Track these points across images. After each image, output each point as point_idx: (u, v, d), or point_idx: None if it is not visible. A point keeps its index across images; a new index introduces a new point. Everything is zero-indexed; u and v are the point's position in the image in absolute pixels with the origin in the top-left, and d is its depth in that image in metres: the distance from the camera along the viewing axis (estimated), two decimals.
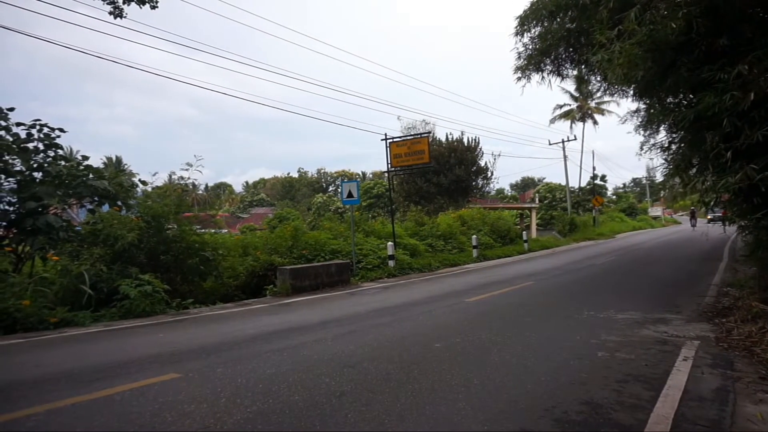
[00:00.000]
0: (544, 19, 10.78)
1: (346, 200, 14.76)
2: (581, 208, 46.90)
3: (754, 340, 5.73)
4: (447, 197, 31.73)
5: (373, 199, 48.27)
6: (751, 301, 7.07)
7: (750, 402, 4.01)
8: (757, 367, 4.92)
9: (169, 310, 9.35)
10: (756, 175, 6.02)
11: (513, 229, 25.89)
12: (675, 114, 7.54)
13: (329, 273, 12.48)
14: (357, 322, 7.58)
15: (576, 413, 3.75)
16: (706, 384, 4.46)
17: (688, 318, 7.39)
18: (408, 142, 17.09)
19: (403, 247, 16.69)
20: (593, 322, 7.17)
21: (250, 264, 12.64)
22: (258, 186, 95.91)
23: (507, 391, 4.30)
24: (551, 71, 12.20)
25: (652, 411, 3.77)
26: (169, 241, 10.82)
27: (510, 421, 3.63)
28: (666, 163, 8.44)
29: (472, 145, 33.19)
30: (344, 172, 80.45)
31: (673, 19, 6.65)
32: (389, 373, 4.86)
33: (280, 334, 6.89)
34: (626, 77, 8.07)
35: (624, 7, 7.75)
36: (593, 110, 47.72)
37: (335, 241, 15.13)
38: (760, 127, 6.03)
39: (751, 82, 5.94)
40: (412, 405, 3.96)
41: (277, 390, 4.40)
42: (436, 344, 6.00)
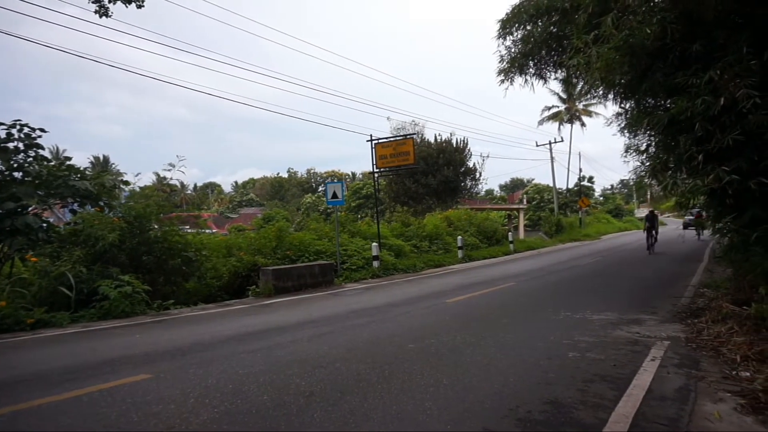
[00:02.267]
0: (525, 23, 10.88)
1: (330, 201, 14.79)
2: (568, 209, 47.25)
3: (722, 340, 5.83)
4: (435, 198, 31.84)
5: (362, 199, 48.30)
6: (722, 303, 7.19)
7: (710, 401, 4.09)
8: (722, 367, 5.01)
9: (150, 311, 9.33)
10: (726, 177, 6.14)
11: (500, 230, 26.03)
12: (651, 117, 7.65)
13: (313, 274, 12.49)
14: (335, 323, 7.61)
15: (539, 413, 3.80)
16: (670, 383, 4.54)
17: (662, 319, 7.49)
18: (393, 144, 17.13)
19: (389, 247, 16.73)
20: (569, 323, 7.25)
21: (234, 265, 12.64)
22: (247, 186, 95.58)
23: (475, 391, 4.35)
24: (534, 74, 12.31)
25: (614, 410, 3.83)
26: (151, 242, 10.78)
27: (474, 420, 3.68)
28: (642, 165, 8.55)
29: (460, 146, 33.34)
30: (334, 172, 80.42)
31: (648, 25, 6.77)
32: (360, 373, 4.90)
33: (257, 335, 6.90)
34: (604, 81, 8.20)
35: (602, 12, 7.85)
36: (581, 112, 48.05)
37: (320, 241, 15.15)
38: (730, 131, 6.14)
39: (722, 87, 6.05)
40: (380, 405, 4.00)
41: (247, 390, 4.43)
42: (411, 345, 6.04)
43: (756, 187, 5.88)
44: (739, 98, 5.78)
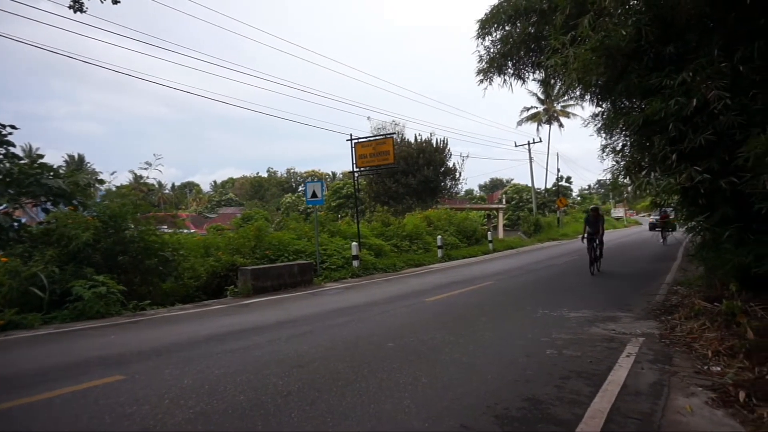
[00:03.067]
0: (504, 23, 10.95)
1: (310, 200, 14.71)
2: (547, 209, 47.80)
3: (695, 336, 5.95)
4: (415, 198, 31.91)
5: (342, 199, 48.12)
6: (695, 300, 7.34)
7: (682, 395, 4.18)
8: (694, 362, 5.12)
9: (125, 312, 9.16)
10: (698, 176, 6.27)
11: (479, 230, 26.21)
12: (626, 118, 7.78)
13: (292, 273, 12.41)
14: (313, 323, 7.56)
15: (516, 409, 3.83)
16: (644, 379, 4.62)
17: (637, 316, 7.62)
18: (373, 143, 17.12)
19: (368, 247, 16.71)
20: (546, 321, 7.32)
21: (212, 264, 12.48)
22: (227, 186, 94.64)
23: (453, 389, 4.36)
24: (512, 74, 12.38)
25: (590, 406, 3.88)
26: (127, 242, 10.57)
27: (452, 418, 3.69)
28: (617, 164, 8.68)
29: (440, 146, 33.47)
30: (314, 172, 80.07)
31: (624, 27, 6.87)
32: (338, 372, 4.88)
33: (235, 335, 6.82)
34: (581, 81, 8.29)
35: (579, 13, 7.95)
36: (559, 113, 48.67)
37: (299, 241, 15.06)
38: (702, 131, 6.27)
39: (694, 89, 6.17)
40: (358, 403, 3.99)
41: (223, 390, 4.37)
42: (390, 344, 6.04)
43: (727, 186, 6.00)
44: (710, 99, 5.91)
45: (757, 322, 5.30)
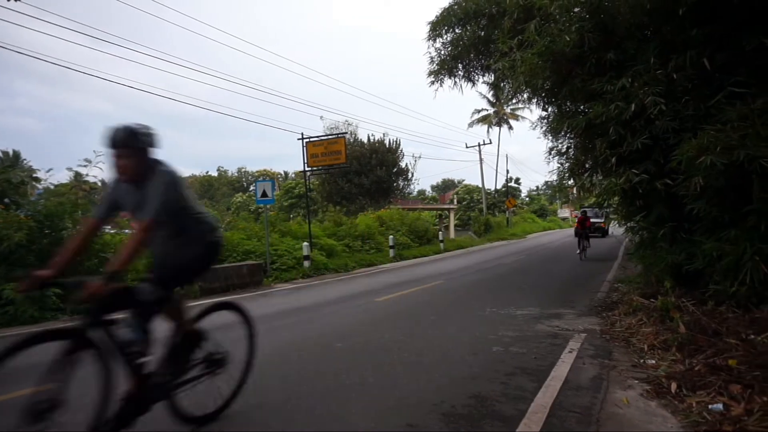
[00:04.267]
0: (454, 26, 11.10)
1: (260, 200, 14.46)
2: (497, 209, 48.86)
3: (633, 331, 6.20)
4: (368, 198, 31.95)
5: (294, 199, 47.64)
6: (633, 296, 7.66)
7: (620, 388, 4.34)
8: (632, 356, 5.33)
9: (63, 316, 8.69)
10: (635, 178, 6.55)
11: (431, 230, 26.49)
12: (571, 121, 8.01)
13: (241, 274, 12.14)
14: (260, 325, 7.24)
15: (462, 407, 3.87)
16: (585, 373, 4.77)
17: (580, 312, 7.88)
18: (325, 143, 17.00)
19: (320, 247, 16.57)
20: (494, 319, 7.46)
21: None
22: None
23: (401, 388, 4.36)
24: (463, 77, 12.57)
25: (533, 401, 3.97)
26: (64, 242, 10.06)
27: (398, 417, 3.68)
28: (562, 166, 8.95)
29: (393, 147, 33.67)
30: (266, 171, 78.69)
31: (568, 33, 7.08)
32: (284, 375, 4.80)
33: None
34: (528, 85, 8.51)
35: (527, 18, 8.15)
36: (509, 116, 49.85)
37: (249, 241, 14.75)
38: (640, 135, 6.54)
39: (633, 94, 6.42)
40: (304, 406, 3.93)
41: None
42: (338, 344, 5.99)
43: (662, 187, 6.28)
44: (647, 105, 6.16)
45: (688, 317, 5.58)
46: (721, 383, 3.95)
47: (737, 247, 5.19)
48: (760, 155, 4.56)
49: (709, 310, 5.65)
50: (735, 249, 5.21)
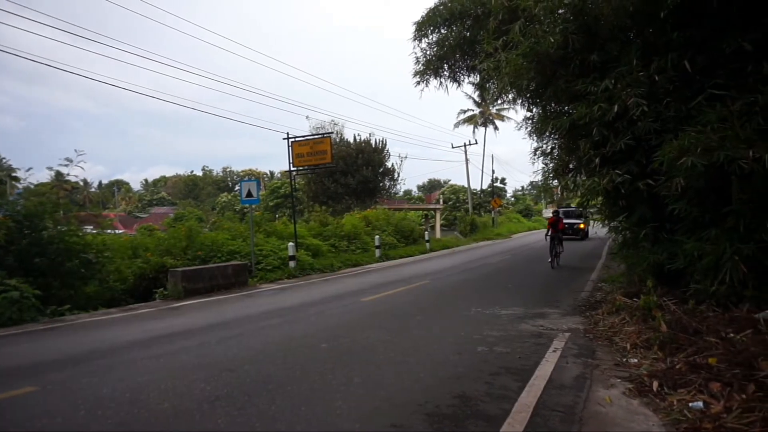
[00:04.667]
0: (440, 26, 11.14)
1: (245, 200, 14.33)
2: (482, 209, 49.07)
3: (616, 330, 6.28)
4: (354, 198, 31.88)
5: (280, 198, 47.42)
6: (616, 296, 7.74)
7: (603, 387, 4.38)
8: (615, 355, 5.40)
9: (42, 318, 8.54)
10: (618, 178, 6.63)
11: (417, 230, 26.51)
12: (555, 122, 8.08)
13: (225, 275, 12.03)
14: (246, 325, 7.36)
15: (447, 407, 3.88)
16: (569, 373, 4.81)
17: (564, 312, 7.95)
18: (310, 142, 16.91)
19: (306, 247, 16.49)
20: (479, 319, 7.49)
21: (140, 266, 11.90)
22: (158, 184, 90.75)
23: (386, 388, 4.36)
24: (448, 77, 12.64)
25: (517, 400, 3.99)
26: (44, 243, 9.88)
27: (383, 417, 3.68)
28: (546, 166, 9.02)
29: (379, 147, 33.62)
30: (251, 171, 78.24)
31: (552, 34, 7.13)
32: (270, 375, 4.76)
33: (162, 340, 6.52)
34: (513, 85, 8.56)
35: (512, 19, 8.20)
36: (494, 116, 50.07)
37: (234, 241, 14.63)
38: (623, 136, 6.62)
39: (616, 95, 6.49)
40: (288, 407, 3.90)
41: (146, 399, 4.16)
42: (323, 345, 5.97)
43: (644, 188, 6.37)
44: (630, 106, 6.24)
45: (670, 316, 5.65)
46: (702, 381, 4.02)
47: (717, 246, 5.27)
48: (739, 157, 4.63)
49: (690, 309, 5.73)
50: (715, 249, 5.29)
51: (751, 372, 3.95)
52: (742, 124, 4.92)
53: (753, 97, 5.05)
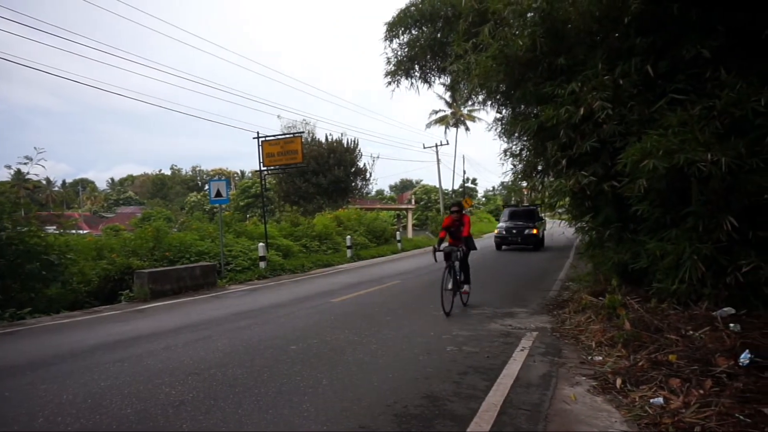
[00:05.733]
0: (411, 27, 11.17)
1: (214, 200, 14.11)
2: None
3: (582, 329, 6.40)
4: (326, 198, 31.74)
5: (251, 198, 46.93)
6: (582, 295, 7.89)
7: (568, 385, 4.46)
8: (580, 353, 5.50)
9: (0, 322, 8.23)
10: (584, 180, 6.75)
11: (388, 230, 26.57)
12: (523, 123, 8.18)
13: (194, 276, 11.82)
14: (214, 327, 7.23)
15: (415, 407, 3.89)
16: (536, 371, 4.88)
17: (532, 311, 8.06)
18: (281, 142, 16.75)
19: (276, 248, 16.34)
20: (449, 318, 7.53)
21: (104, 268, 11.60)
22: (125, 183, 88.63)
23: (354, 389, 4.35)
24: (419, 78, 12.67)
25: (485, 399, 4.03)
26: (2, 244, 9.53)
27: (351, 419, 3.66)
28: (514, 167, 9.12)
29: (351, 147, 33.55)
30: (221, 170, 77.10)
31: (521, 37, 7.22)
32: (237, 378, 4.69)
33: (126, 343, 6.36)
34: (483, 87, 8.64)
35: (482, 21, 8.27)
36: (466, 117, 50.53)
37: (202, 242, 14.39)
38: (588, 138, 6.73)
39: (582, 98, 6.60)
40: (255, 410, 3.85)
41: (108, 404, 4.04)
42: (292, 347, 5.91)
43: (609, 189, 6.50)
44: (595, 109, 6.35)
45: (633, 314, 5.78)
46: (662, 378, 4.13)
47: (678, 246, 5.42)
48: (698, 159, 4.77)
49: (652, 308, 5.88)
50: (676, 248, 5.44)
51: (709, 368, 4.09)
52: (701, 127, 5.06)
53: (711, 102, 5.21)
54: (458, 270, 8.37)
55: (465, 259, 8.54)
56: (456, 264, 8.27)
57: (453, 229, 8.54)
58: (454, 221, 8.45)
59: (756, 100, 4.85)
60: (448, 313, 7.71)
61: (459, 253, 8.23)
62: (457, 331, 6.67)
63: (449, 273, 8.00)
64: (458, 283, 8.36)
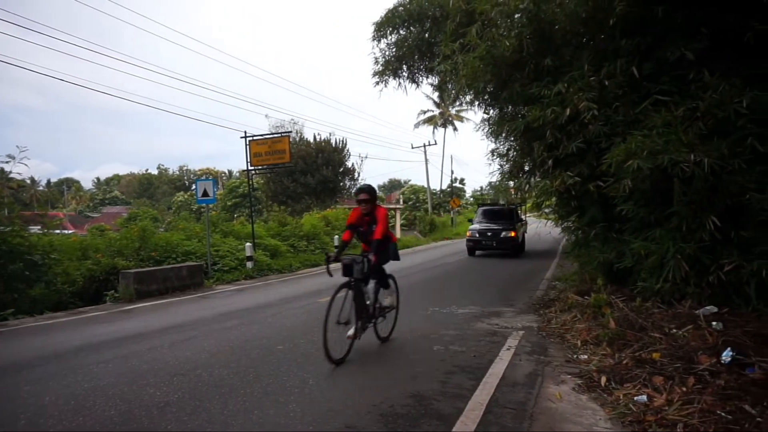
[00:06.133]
0: (399, 27, 11.20)
1: (200, 199, 14.00)
2: (442, 209, 49.61)
3: (567, 327, 6.44)
4: (314, 197, 31.69)
5: (238, 198, 46.65)
6: (568, 294, 7.96)
7: (553, 383, 4.49)
8: (566, 352, 5.54)
9: None
10: (570, 180, 6.81)
11: None
12: (510, 124, 8.23)
13: (180, 276, 11.71)
14: (200, 328, 7.17)
15: (401, 406, 3.89)
16: (522, 370, 4.91)
17: (519, 310, 8.11)
18: (269, 141, 16.66)
19: (264, 248, 16.26)
20: (436, 318, 7.56)
21: (89, 268, 11.44)
22: (111, 183, 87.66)
23: (341, 389, 4.34)
24: (407, 78, 12.70)
25: (471, 399, 4.05)
26: None
27: (337, 419, 3.66)
28: (501, 168, 9.17)
29: (339, 146, 33.54)
30: (209, 170, 76.52)
31: (508, 38, 7.26)
32: (223, 379, 4.66)
33: (111, 344, 6.28)
34: (470, 87, 8.66)
35: (469, 22, 8.31)
36: (454, 117, 50.71)
37: (189, 242, 14.26)
38: (574, 139, 6.79)
39: (568, 99, 6.65)
40: (241, 410, 3.83)
41: (91, 406, 3.99)
42: (279, 347, 5.89)
43: (594, 189, 6.56)
44: (581, 110, 6.41)
45: (618, 313, 5.84)
46: (646, 376, 4.18)
47: (662, 246, 5.49)
48: (682, 160, 4.83)
49: (636, 306, 5.95)
50: (660, 248, 5.50)
51: (691, 365, 4.14)
52: (685, 128, 5.13)
53: (695, 103, 5.28)
54: (372, 292, 5.71)
55: (382, 273, 5.93)
56: (369, 286, 5.68)
57: (363, 228, 5.82)
58: (362, 216, 5.75)
59: (738, 102, 4.92)
60: (339, 362, 5.03)
61: (363, 266, 5.40)
62: (444, 330, 6.69)
63: (347, 298, 5.33)
64: (370, 312, 5.64)
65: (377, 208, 5.70)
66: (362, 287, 5.53)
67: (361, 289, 5.48)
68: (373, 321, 5.80)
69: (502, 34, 7.42)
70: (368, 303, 5.60)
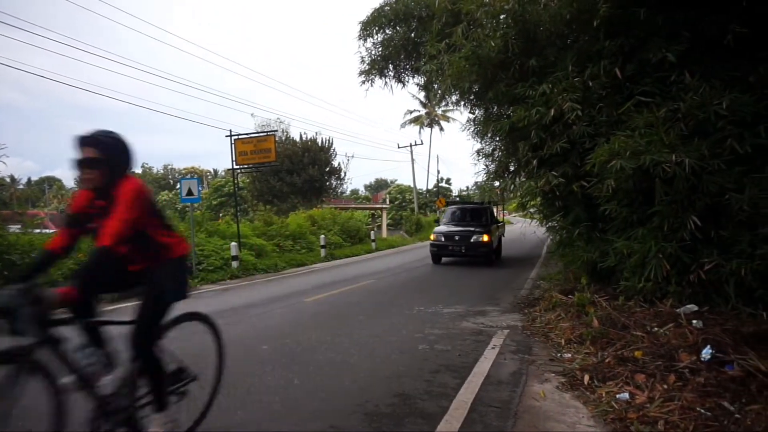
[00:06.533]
0: (385, 27, 11.20)
1: (185, 198, 13.85)
2: (428, 208, 49.74)
3: (552, 326, 6.49)
4: (300, 197, 31.59)
5: (224, 197, 46.36)
6: (553, 293, 8.01)
7: (537, 382, 4.52)
8: (550, 350, 5.58)
9: None
10: (554, 180, 6.87)
11: (363, 229, 26.52)
12: (496, 124, 8.27)
13: None
14: (183, 328, 7.08)
15: (386, 406, 3.89)
16: (506, 369, 4.94)
17: (504, 309, 8.15)
18: (254, 140, 16.56)
19: (249, 247, 16.15)
20: (421, 317, 7.56)
21: (70, 268, 11.26)
22: None
23: (326, 389, 4.33)
24: (393, 77, 12.71)
25: (455, 397, 4.06)
26: None
27: (321, 419, 3.65)
28: (487, 168, 9.22)
29: (326, 146, 33.48)
30: (194, 168, 75.85)
31: (493, 38, 7.30)
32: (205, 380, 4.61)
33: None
34: (456, 87, 8.71)
35: (455, 22, 8.34)
36: (440, 117, 50.93)
37: None
38: (559, 139, 6.85)
39: (552, 99, 6.71)
40: (223, 412, 3.79)
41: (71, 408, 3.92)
42: (263, 347, 5.85)
43: (578, 189, 6.62)
44: (565, 110, 6.46)
45: (602, 312, 5.90)
46: (628, 373, 4.22)
47: (644, 245, 5.55)
48: (663, 160, 4.90)
49: (619, 305, 6.01)
50: (642, 247, 5.57)
51: (672, 363, 4.19)
52: (666, 129, 5.20)
53: (676, 104, 5.35)
54: (118, 385, 2.95)
55: (149, 342, 3.26)
56: (115, 374, 2.99)
57: (92, 224, 2.88)
58: (90, 199, 2.94)
59: (718, 104, 5.00)
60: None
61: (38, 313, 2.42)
62: (429, 329, 6.70)
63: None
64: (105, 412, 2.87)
65: (121, 182, 2.83)
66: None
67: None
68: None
69: (488, 34, 7.45)
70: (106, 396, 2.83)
